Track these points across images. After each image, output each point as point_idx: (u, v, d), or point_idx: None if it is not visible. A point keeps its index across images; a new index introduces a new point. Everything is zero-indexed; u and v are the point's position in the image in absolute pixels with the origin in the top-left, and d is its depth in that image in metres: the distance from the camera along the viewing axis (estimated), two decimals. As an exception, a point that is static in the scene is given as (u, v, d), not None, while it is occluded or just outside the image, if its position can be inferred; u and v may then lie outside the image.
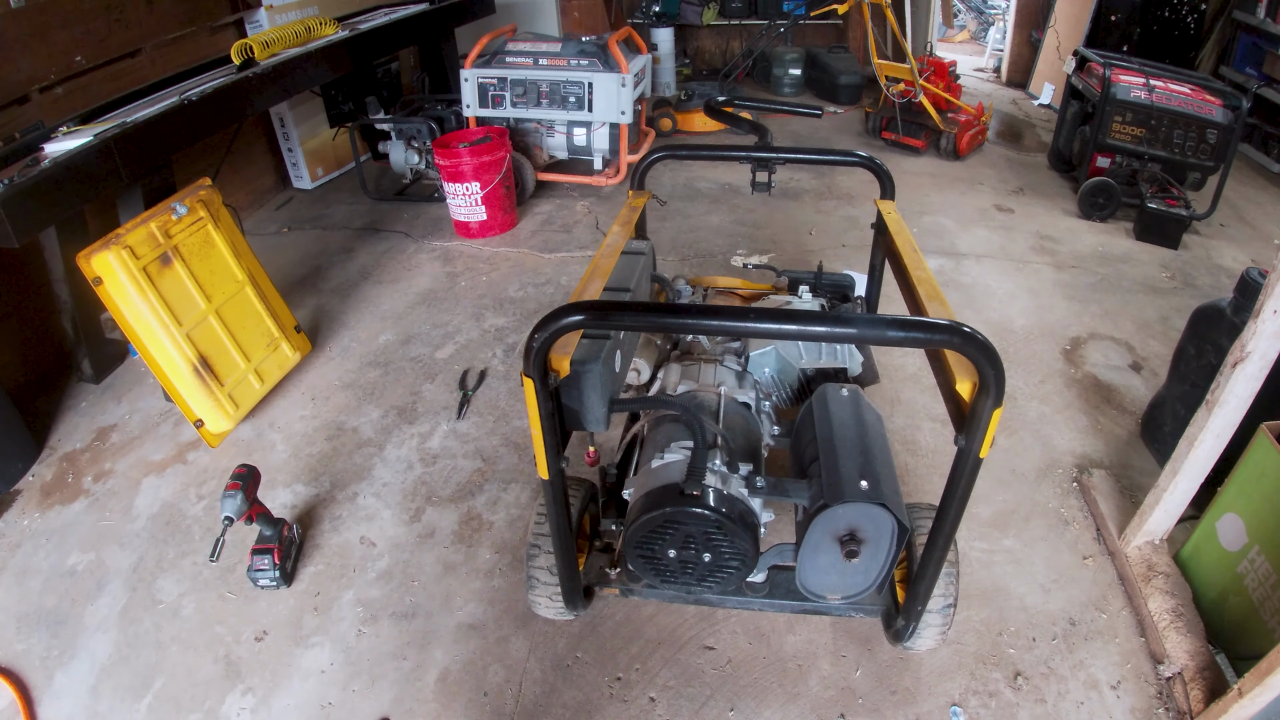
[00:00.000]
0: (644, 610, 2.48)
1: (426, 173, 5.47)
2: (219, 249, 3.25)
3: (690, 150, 2.78)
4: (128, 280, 2.86)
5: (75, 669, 2.39)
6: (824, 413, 1.96)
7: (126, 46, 4.03)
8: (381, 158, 5.56)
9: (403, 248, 4.89)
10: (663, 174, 5.87)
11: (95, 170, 2.95)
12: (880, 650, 2.34)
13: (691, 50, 8.63)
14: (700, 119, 6.70)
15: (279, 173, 5.75)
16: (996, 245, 4.74)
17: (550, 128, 5.54)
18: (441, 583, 2.62)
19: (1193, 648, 2.20)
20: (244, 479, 2.45)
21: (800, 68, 7.88)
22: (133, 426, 3.37)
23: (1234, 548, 2.23)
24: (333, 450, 3.19)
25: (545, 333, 1.48)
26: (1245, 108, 4.57)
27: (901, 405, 3.32)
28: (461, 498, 2.95)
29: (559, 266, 4.60)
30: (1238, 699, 1.85)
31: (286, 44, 4.09)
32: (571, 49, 5.26)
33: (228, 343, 3.23)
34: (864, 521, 1.70)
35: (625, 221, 2.48)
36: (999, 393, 1.39)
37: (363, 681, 2.32)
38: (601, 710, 2.22)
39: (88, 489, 3.05)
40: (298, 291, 4.36)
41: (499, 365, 3.69)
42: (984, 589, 2.53)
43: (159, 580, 2.66)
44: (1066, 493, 2.89)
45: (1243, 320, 2.23)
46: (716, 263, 4.57)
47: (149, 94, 3.59)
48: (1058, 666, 2.29)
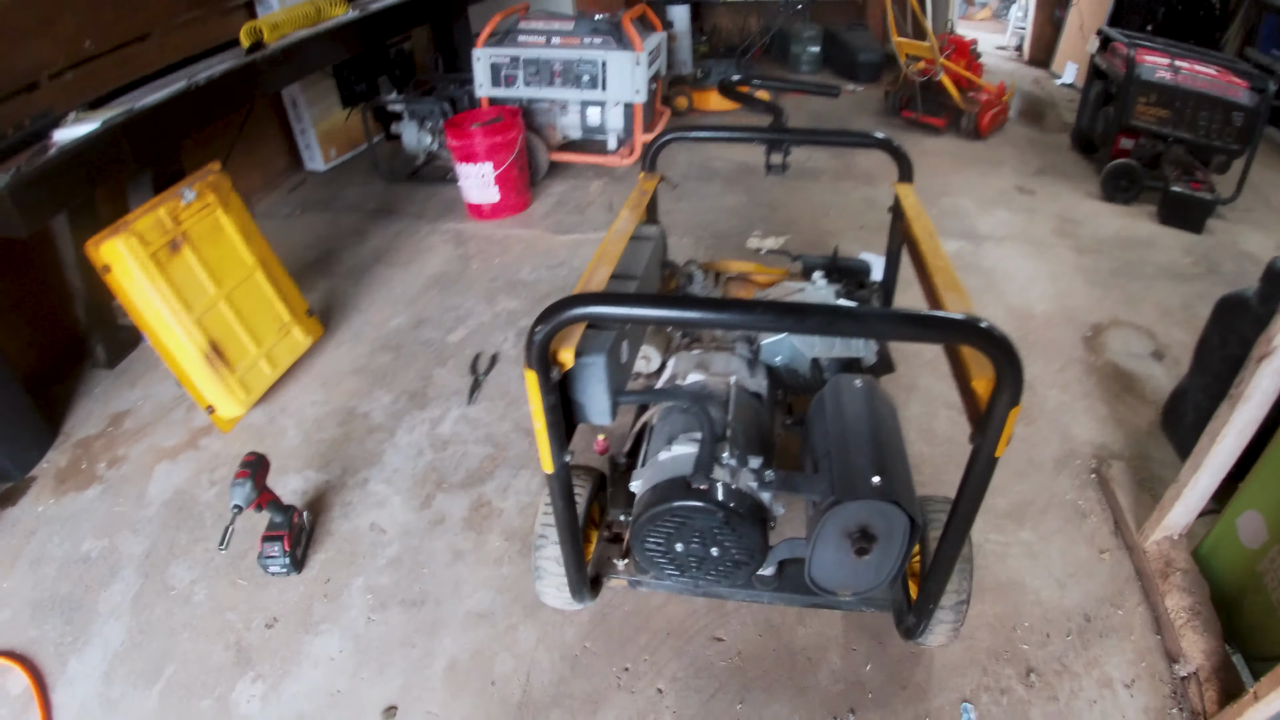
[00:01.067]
0: (653, 601, 2.46)
1: (439, 154, 5.43)
2: (228, 234, 3.23)
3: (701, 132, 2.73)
4: (136, 267, 2.85)
5: (88, 655, 2.40)
6: (836, 405, 1.92)
7: (135, 31, 4.00)
8: (394, 139, 5.52)
9: (415, 230, 4.86)
10: (678, 153, 5.80)
11: (103, 157, 2.93)
12: (891, 644, 2.31)
13: (708, 28, 8.52)
14: (717, 98, 6.61)
15: (291, 155, 5.72)
16: (1017, 228, 4.66)
17: (564, 107, 5.47)
18: (451, 570, 2.61)
19: (1209, 647, 2.16)
20: (253, 466, 2.45)
21: (818, 45, 7.76)
22: (146, 412, 3.37)
23: (1254, 545, 2.17)
24: (344, 436, 3.19)
25: (547, 325, 1.44)
26: (1272, 90, 4.44)
27: (918, 392, 3.27)
28: (472, 484, 2.94)
29: (572, 248, 4.57)
30: (1254, 702, 1.80)
31: (296, 25, 4.05)
32: (585, 27, 5.19)
33: (238, 328, 3.22)
34: (876, 518, 1.67)
35: (635, 205, 2.44)
36: (1016, 391, 1.35)
37: (371, 669, 2.32)
38: (609, 701, 2.21)
39: (101, 475, 3.06)
40: (310, 275, 4.35)
41: (511, 349, 3.66)
42: (998, 582, 2.49)
43: (171, 567, 2.67)
44: (1085, 484, 2.84)
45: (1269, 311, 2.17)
46: (731, 244, 4.52)
47: (158, 78, 3.56)
48: (1071, 664, 2.25)
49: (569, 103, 5.44)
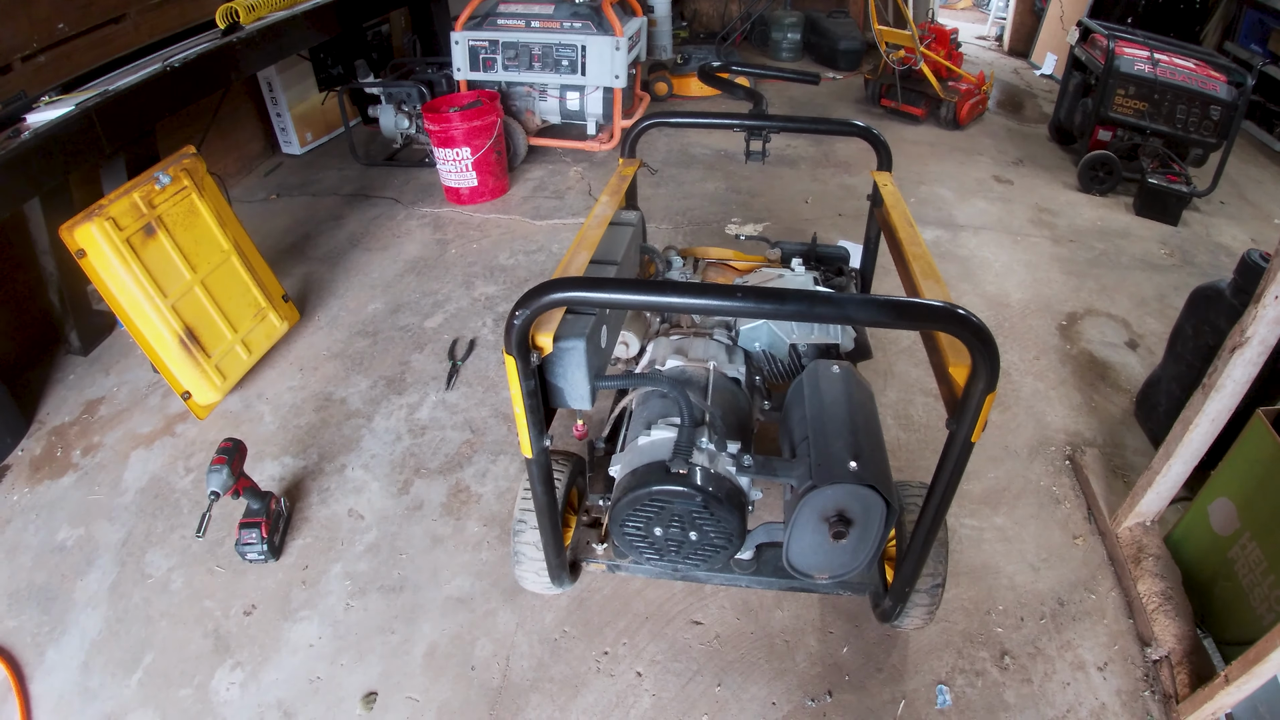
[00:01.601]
0: (632, 585, 2.47)
1: (417, 137, 5.38)
2: (203, 218, 3.19)
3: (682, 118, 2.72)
4: (111, 252, 2.81)
5: (66, 645, 2.38)
6: (814, 390, 1.93)
7: (110, 12, 3.92)
8: (372, 122, 5.45)
9: (392, 214, 4.82)
10: (657, 140, 5.78)
11: (77, 140, 2.89)
12: (868, 627, 2.34)
13: (689, 13, 8.47)
14: (697, 84, 6.58)
15: (268, 138, 5.66)
16: (994, 217, 4.69)
17: (543, 91, 5.44)
18: (429, 556, 2.61)
19: (1181, 631, 2.20)
20: (229, 453, 2.43)
21: (799, 32, 7.74)
22: (121, 399, 3.34)
23: (1225, 532, 2.21)
24: (321, 421, 3.17)
25: (526, 310, 1.44)
26: (1250, 85, 4.49)
27: (895, 378, 3.30)
28: (450, 469, 2.93)
29: (550, 233, 4.55)
30: (1224, 685, 1.84)
31: (273, 6, 3.99)
32: (564, 11, 5.15)
33: (214, 313, 3.18)
34: (852, 503, 1.69)
35: (614, 191, 2.43)
36: (993, 378, 1.36)
37: (351, 655, 2.31)
38: (589, 684, 2.22)
39: (76, 463, 3.03)
40: (286, 260, 4.31)
41: (489, 335, 3.65)
42: (973, 567, 2.53)
43: (148, 555, 2.65)
44: (1059, 471, 2.88)
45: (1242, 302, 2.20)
46: (710, 231, 4.52)
47: (133, 61, 3.50)
48: (1045, 647, 2.29)
49: (548, 87, 5.40)
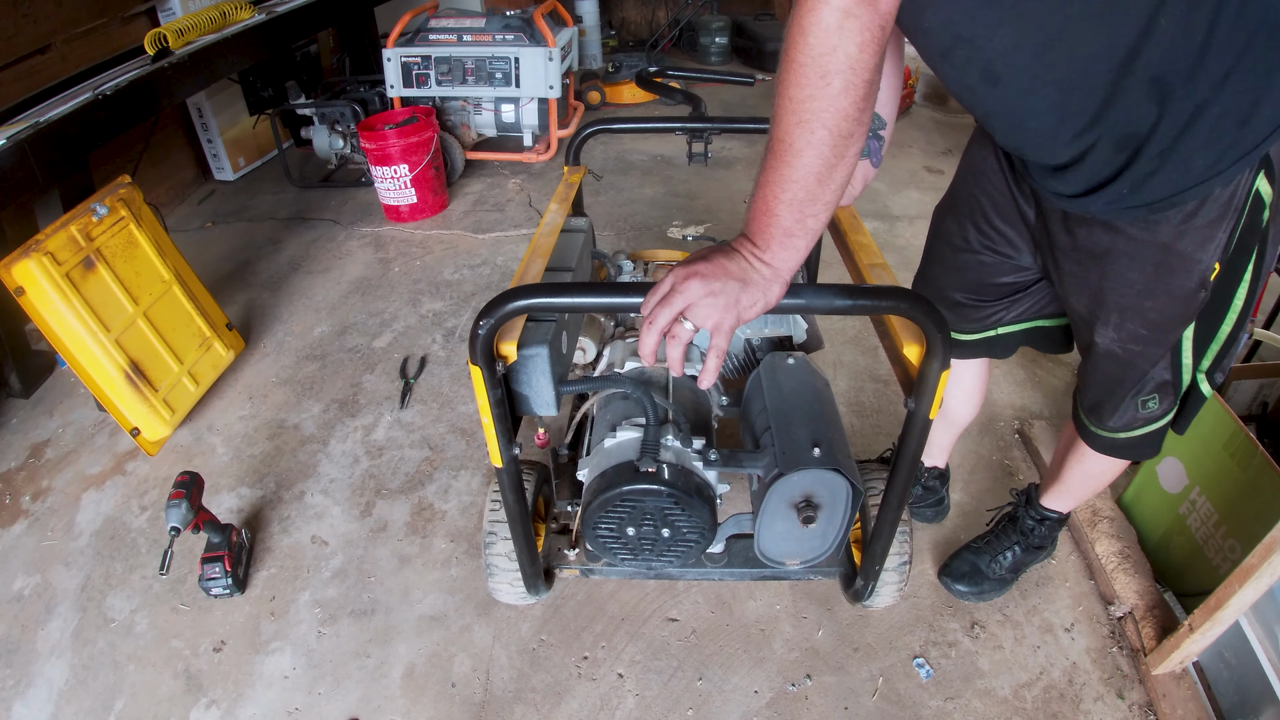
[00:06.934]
0: (605, 588, 2.49)
1: (352, 157, 5.33)
2: (143, 249, 3.13)
3: (625, 123, 2.75)
4: (50, 288, 2.73)
5: (33, 698, 2.30)
6: (773, 382, 1.97)
7: (36, 42, 3.82)
8: (305, 144, 5.38)
9: (332, 235, 4.77)
10: (594, 148, 5.81)
11: (9, 175, 2.80)
12: (840, 610, 2.39)
13: (617, 21, 8.54)
14: (629, 91, 6.64)
15: (200, 165, 5.54)
16: (928, 206, 4.75)
17: (477, 105, 5.43)
18: (398, 576, 2.59)
19: (1141, 587, 2.29)
20: (187, 486, 2.38)
21: (727, 36, 7.85)
22: (67, 440, 3.24)
23: (1175, 490, 2.32)
24: (275, 449, 3.12)
25: (491, 319, 1.45)
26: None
27: (844, 368, 3.37)
28: (411, 488, 2.91)
29: (494, 246, 4.55)
30: (1189, 634, 1.93)
31: (202, 30, 3.92)
32: (496, 24, 5.15)
33: (159, 346, 3.11)
34: (819, 487, 1.73)
35: (563, 198, 2.45)
36: (946, 355, 1.41)
37: (327, 683, 2.28)
38: (572, 691, 2.23)
39: (26, 509, 2.93)
40: (227, 287, 4.23)
41: (439, 351, 3.63)
42: (936, 541, 2.60)
43: (109, 598, 2.58)
44: (1010, 444, 2.98)
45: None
46: (653, 235, 4.56)
47: (62, 90, 3.41)
48: (1012, 613, 2.37)
49: (483, 100, 5.40)
